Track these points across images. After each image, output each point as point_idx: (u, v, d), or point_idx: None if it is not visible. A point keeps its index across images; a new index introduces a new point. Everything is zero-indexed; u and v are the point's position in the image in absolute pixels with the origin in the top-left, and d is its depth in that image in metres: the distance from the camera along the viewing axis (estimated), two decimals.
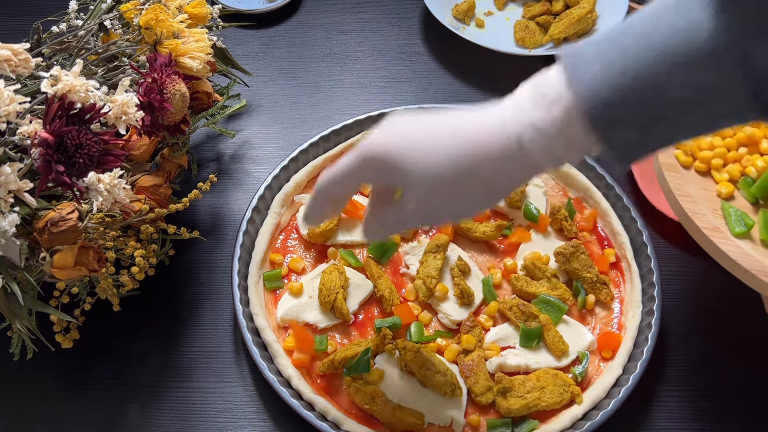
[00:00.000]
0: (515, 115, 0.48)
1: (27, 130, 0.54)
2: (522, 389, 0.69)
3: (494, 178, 0.50)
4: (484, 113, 0.50)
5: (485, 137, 0.49)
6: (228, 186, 0.89)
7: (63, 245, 0.62)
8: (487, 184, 0.50)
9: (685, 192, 0.70)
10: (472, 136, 0.49)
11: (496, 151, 0.48)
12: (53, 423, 0.72)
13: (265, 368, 0.70)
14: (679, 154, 0.73)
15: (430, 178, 0.50)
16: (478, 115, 0.50)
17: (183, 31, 0.71)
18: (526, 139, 0.48)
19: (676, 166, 0.72)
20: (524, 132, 0.48)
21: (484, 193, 0.51)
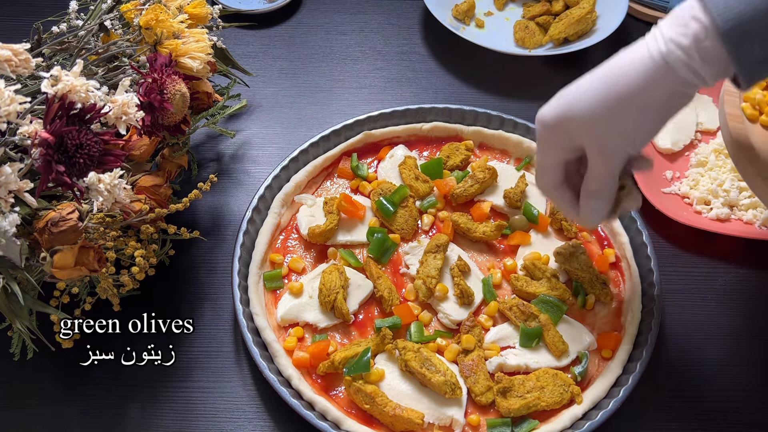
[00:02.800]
0: (657, 38, 0.54)
1: (27, 130, 0.54)
2: (522, 389, 0.69)
3: (648, 99, 0.55)
4: (629, 47, 0.57)
5: (632, 63, 0.55)
6: (228, 186, 0.89)
7: (63, 245, 0.62)
8: (643, 106, 0.55)
9: (748, 142, 0.70)
10: (621, 66, 0.56)
11: (643, 71, 0.54)
12: (53, 423, 0.72)
13: (265, 368, 0.70)
14: (746, 107, 0.73)
15: (592, 115, 0.56)
16: (625, 50, 0.57)
17: (183, 31, 0.71)
18: (668, 55, 0.53)
19: (742, 117, 0.73)
20: (667, 48, 0.53)
21: (646, 115, 0.56)
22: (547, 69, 1.04)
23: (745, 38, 0.50)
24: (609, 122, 0.57)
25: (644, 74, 0.54)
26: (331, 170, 0.88)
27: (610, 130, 0.57)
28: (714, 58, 0.52)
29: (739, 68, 0.52)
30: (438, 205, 0.84)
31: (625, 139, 0.58)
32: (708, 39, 0.52)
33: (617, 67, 0.57)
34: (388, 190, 0.83)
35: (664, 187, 0.88)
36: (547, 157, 0.62)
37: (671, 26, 0.54)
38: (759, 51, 0.51)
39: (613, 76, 0.56)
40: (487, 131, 0.90)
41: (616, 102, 0.56)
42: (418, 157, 0.89)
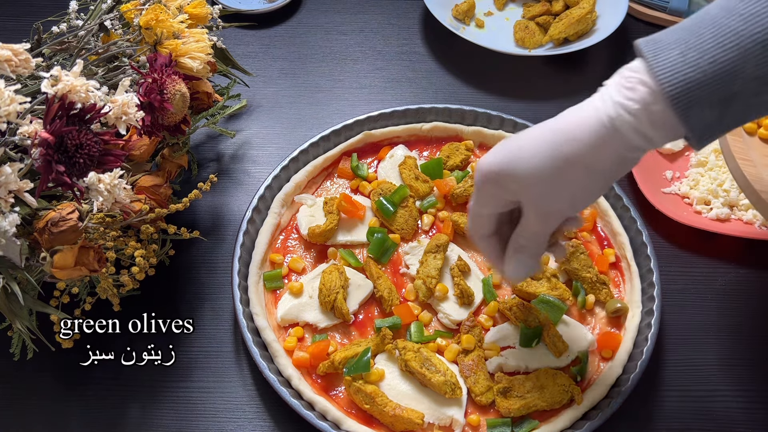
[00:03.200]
0: (605, 101, 0.53)
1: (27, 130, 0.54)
2: (522, 389, 0.69)
3: (595, 162, 0.53)
4: (577, 107, 0.55)
5: (579, 124, 0.53)
6: (228, 186, 0.89)
7: (63, 245, 0.62)
8: (590, 169, 0.54)
9: (747, 156, 0.70)
10: (568, 126, 0.54)
11: (591, 134, 0.53)
12: (53, 423, 0.72)
13: (265, 368, 0.70)
14: None
15: (537, 174, 0.54)
16: (572, 109, 0.55)
17: (183, 31, 0.71)
18: (617, 119, 0.52)
19: (740, 131, 0.73)
20: (615, 112, 0.52)
21: (591, 178, 0.55)
22: (547, 69, 1.04)
23: (693, 103, 0.49)
24: (552, 183, 0.55)
25: (592, 138, 0.52)
26: (331, 170, 0.88)
27: (552, 190, 0.55)
28: (663, 122, 0.51)
29: (691, 132, 0.51)
30: (438, 205, 0.84)
31: (566, 201, 0.56)
32: (657, 104, 0.50)
33: (565, 127, 0.54)
34: (388, 190, 0.83)
35: (664, 187, 0.88)
36: (483, 208, 0.60)
37: (619, 89, 0.52)
38: (709, 115, 0.50)
39: (561, 136, 0.54)
40: (487, 131, 0.90)
41: (563, 163, 0.54)
42: (418, 157, 0.89)
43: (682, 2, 1.05)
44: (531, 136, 0.56)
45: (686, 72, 0.49)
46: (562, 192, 0.55)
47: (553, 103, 0.98)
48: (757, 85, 0.48)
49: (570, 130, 0.54)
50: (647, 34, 0.53)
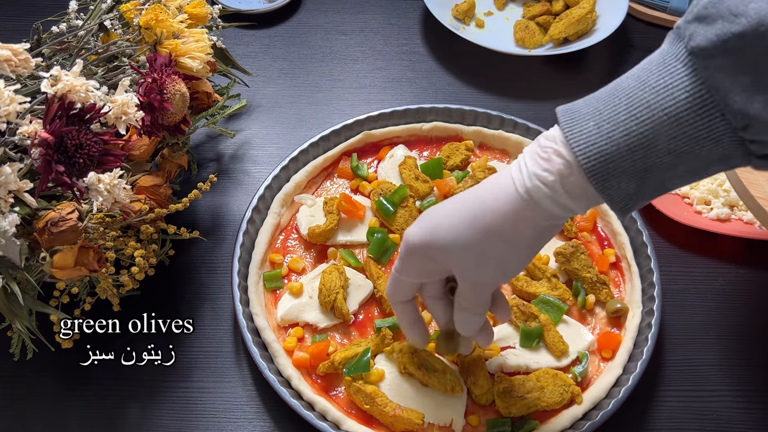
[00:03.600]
0: (522, 170, 0.52)
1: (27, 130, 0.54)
2: (522, 389, 0.69)
3: (514, 234, 0.53)
4: (494, 177, 0.55)
5: (496, 195, 0.53)
6: (228, 186, 0.89)
7: (63, 245, 0.62)
8: (510, 241, 0.53)
9: None
10: (485, 197, 0.54)
11: (507, 205, 0.52)
12: (53, 423, 0.72)
13: (265, 368, 0.70)
14: None
15: (459, 247, 0.54)
16: (489, 179, 0.55)
17: (183, 31, 0.71)
18: (532, 190, 0.51)
19: None
20: (531, 184, 0.51)
21: (513, 250, 0.54)
22: (547, 69, 1.04)
23: (610, 175, 0.48)
24: (475, 254, 0.54)
25: (510, 209, 0.52)
26: (331, 170, 0.88)
27: (477, 261, 0.55)
28: (581, 193, 0.50)
29: (610, 203, 0.50)
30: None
31: (493, 271, 0.56)
32: (572, 175, 0.49)
33: (484, 196, 0.54)
34: (388, 190, 0.83)
35: None
36: (405, 275, 0.60)
37: (535, 159, 0.52)
38: (627, 186, 0.49)
39: (480, 206, 0.54)
40: (487, 131, 0.90)
41: (484, 234, 0.53)
42: (418, 157, 0.89)
43: (682, 2, 1.05)
44: (452, 207, 0.56)
45: (600, 145, 0.48)
46: (487, 262, 0.55)
47: (553, 103, 0.97)
48: (671, 159, 0.47)
49: (488, 201, 0.53)
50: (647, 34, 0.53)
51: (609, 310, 0.76)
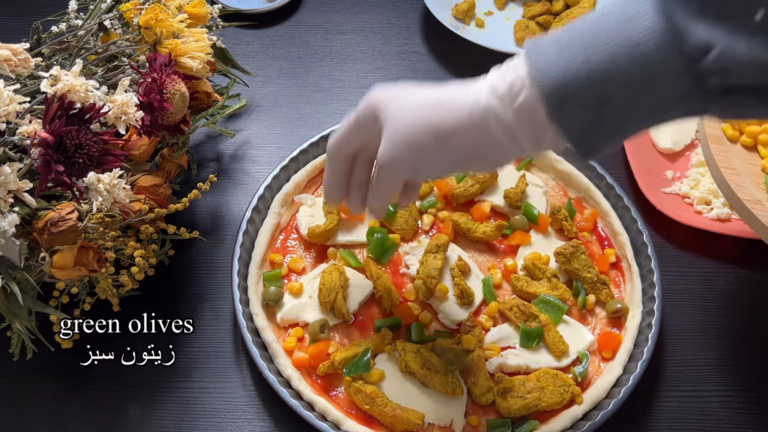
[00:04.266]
0: (483, 89, 0.52)
1: (27, 130, 0.54)
2: (522, 389, 0.69)
3: (457, 146, 0.53)
4: (463, 85, 0.54)
5: (455, 104, 0.53)
6: (228, 186, 0.89)
7: (63, 245, 0.62)
8: (449, 150, 0.54)
9: (729, 164, 0.70)
10: (444, 102, 0.54)
11: (461, 118, 0.52)
12: (53, 423, 0.72)
13: (265, 368, 0.70)
14: (726, 127, 0.72)
15: (400, 131, 0.54)
16: (457, 87, 0.54)
17: (183, 30, 0.71)
18: (487, 110, 0.51)
19: (722, 138, 0.72)
20: (487, 102, 0.51)
21: (438, 151, 0.54)
22: None
23: (565, 101, 0.48)
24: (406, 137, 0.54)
25: (459, 116, 0.52)
26: None
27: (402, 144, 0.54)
28: (535, 122, 0.50)
29: (566, 135, 0.49)
30: (438, 205, 0.84)
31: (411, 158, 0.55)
32: (522, 93, 0.49)
33: (448, 96, 0.54)
34: None
35: (664, 187, 0.88)
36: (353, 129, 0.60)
37: (496, 75, 0.52)
38: (583, 117, 0.48)
39: (440, 101, 0.54)
40: None
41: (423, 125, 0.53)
42: None
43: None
44: (422, 91, 0.56)
45: (558, 69, 0.48)
46: (410, 151, 0.54)
47: None
48: (628, 93, 0.47)
49: (448, 101, 0.53)
50: None
51: (609, 310, 0.76)
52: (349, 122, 0.60)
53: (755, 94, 0.45)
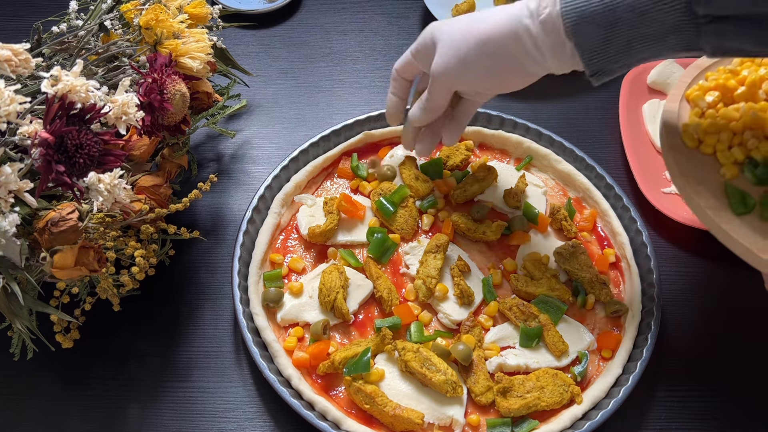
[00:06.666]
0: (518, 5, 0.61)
1: (27, 130, 0.54)
2: (522, 389, 0.69)
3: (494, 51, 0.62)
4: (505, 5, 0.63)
5: (494, 17, 0.62)
6: (228, 186, 0.89)
7: (63, 245, 0.62)
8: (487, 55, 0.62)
9: (691, 173, 0.70)
10: (486, 17, 0.63)
11: (498, 27, 0.61)
12: (53, 423, 0.72)
13: (265, 368, 0.70)
14: (686, 136, 0.73)
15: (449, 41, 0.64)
16: (500, 6, 0.63)
17: (183, 31, 0.71)
18: (519, 19, 0.60)
19: (682, 147, 0.73)
20: (520, 13, 0.60)
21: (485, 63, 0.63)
22: None
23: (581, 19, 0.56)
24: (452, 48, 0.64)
25: (496, 24, 0.61)
26: (331, 170, 0.88)
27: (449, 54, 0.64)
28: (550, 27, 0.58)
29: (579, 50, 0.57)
30: (438, 205, 0.84)
31: (455, 68, 0.64)
32: (548, 6, 0.58)
33: (490, 13, 0.63)
34: (388, 190, 0.83)
35: (664, 187, 0.88)
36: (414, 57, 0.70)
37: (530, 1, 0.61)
38: (594, 34, 0.56)
39: (481, 17, 0.63)
40: (486, 131, 0.90)
41: (466, 35, 0.63)
42: (417, 157, 0.89)
43: None
44: (469, 14, 0.66)
45: None
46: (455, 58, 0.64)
47: (552, 103, 0.98)
48: (633, 17, 0.55)
49: (488, 15, 0.63)
50: None
51: (608, 310, 0.76)
52: (411, 49, 0.70)
53: (734, 23, 0.53)
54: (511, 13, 0.61)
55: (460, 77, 0.65)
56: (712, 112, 0.75)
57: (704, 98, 0.76)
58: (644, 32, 0.56)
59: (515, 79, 0.64)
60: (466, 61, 0.63)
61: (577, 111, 0.96)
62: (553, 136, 0.88)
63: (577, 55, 0.59)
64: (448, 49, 0.64)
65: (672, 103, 0.77)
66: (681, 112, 0.76)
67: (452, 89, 0.68)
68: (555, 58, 0.60)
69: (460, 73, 0.65)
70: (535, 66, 0.62)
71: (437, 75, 0.66)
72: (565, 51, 0.59)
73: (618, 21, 0.55)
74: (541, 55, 0.60)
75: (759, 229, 0.67)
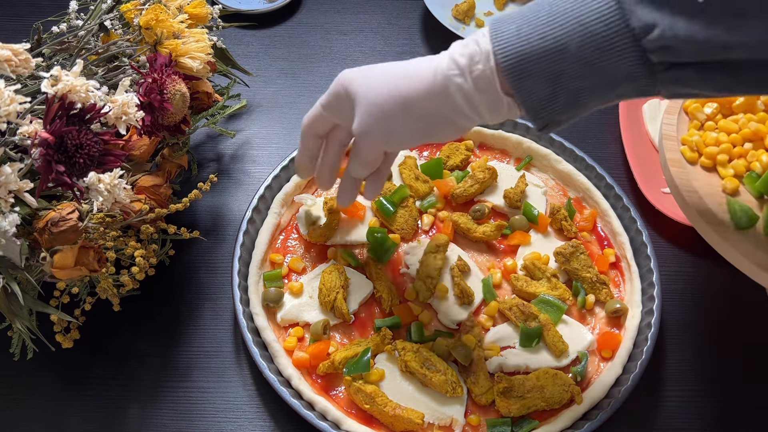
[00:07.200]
0: (445, 59, 0.56)
1: (27, 130, 0.54)
2: (522, 389, 0.69)
3: (423, 114, 0.57)
4: (427, 58, 0.58)
5: (419, 74, 0.57)
6: (228, 186, 0.89)
7: (63, 245, 0.62)
8: (408, 107, 0.57)
9: (691, 187, 0.70)
10: (410, 73, 0.58)
11: (425, 86, 0.56)
12: (53, 423, 0.72)
13: (265, 368, 0.70)
14: (685, 150, 0.73)
15: (370, 102, 0.58)
16: (422, 59, 0.58)
17: (183, 31, 0.71)
18: (449, 78, 0.55)
19: (681, 161, 0.72)
20: (448, 71, 0.55)
21: (406, 118, 0.58)
22: None
23: (524, 75, 0.52)
24: (376, 107, 0.58)
25: (423, 84, 0.56)
26: None
27: (374, 114, 0.58)
28: (486, 85, 0.54)
29: (524, 105, 0.53)
30: (438, 205, 0.84)
31: (381, 129, 0.59)
32: (481, 63, 0.53)
33: (412, 68, 0.58)
34: (388, 190, 0.83)
35: (664, 187, 0.88)
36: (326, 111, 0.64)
37: (459, 45, 0.56)
38: (540, 90, 0.52)
39: (404, 73, 0.58)
40: (486, 131, 0.90)
41: (390, 96, 0.57)
42: (418, 157, 0.89)
43: None
44: (387, 67, 0.59)
45: (517, 45, 0.52)
46: (380, 122, 0.58)
47: None
48: (580, 67, 0.51)
49: (412, 72, 0.57)
50: None
51: (609, 310, 0.76)
52: (321, 102, 0.64)
53: (695, 69, 0.49)
54: (437, 69, 0.56)
55: (387, 142, 0.60)
56: (711, 125, 0.75)
57: (702, 110, 0.76)
58: (592, 82, 0.52)
59: (447, 135, 0.59)
60: (390, 125, 0.58)
61: None
62: (553, 136, 0.88)
63: (516, 108, 0.55)
64: (368, 112, 0.58)
65: (670, 115, 0.76)
66: (679, 125, 0.76)
67: (381, 150, 0.62)
68: (492, 113, 0.56)
69: (386, 138, 0.59)
70: (469, 122, 0.58)
71: (361, 137, 0.60)
72: (503, 106, 0.55)
73: (563, 74, 0.51)
74: (475, 111, 0.56)
75: (762, 244, 0.66)
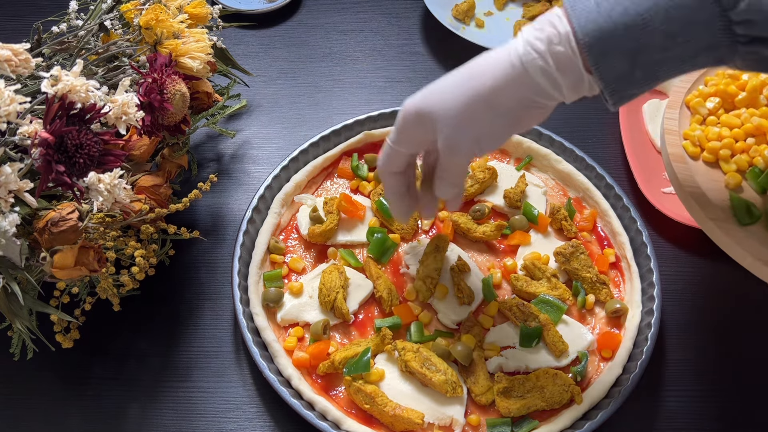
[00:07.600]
0: (518, 40, 0.55)
1: (27, 130, 0.54)
2: (522, 389, 0.69)
3: (499, 98, 0.55)
4: (494, 51, 0.57)
5: (492, 62, 0.55)
6: (228, 186, 0.89)
7: (63, 245, 0.62)
8: (492, 105, 0.55)
9: (693, 183, 0.70)
10: (482, 64, 0.56)
11: (498, 71, 0.55)
12: (53, 423, 0.72)
13: (265, 368, 0.70)
14: (687, 144, 0.73)
15: (452, 115, 0.56)
16: (486, 55, 0.57)
17: (183, 31, 0.71)
18: (524, 56, 0.53)
19: (684, 156, 0.72)
20: (526, 53, 0.53)
21: (495, 117, 0.56)
22: None
23: (605, 52, 0.51)
24: (458, 114, 0.56)
25: (500, 76, 0.55)
26: (331, 170, 0.88)
27: (458, 123, 0.57)
28: (567, 65, 0.53)
29: (602, 82, 0.53)
30: (438, 205, 0.84)
31: (471, 138, 0.57)
32: (561, 44, 0.52)
33: (480, 65, 0.57)
34: None
35: (664, 187, 0.88)
36: (398, 144, 0.61)
37: (530, 31, 0.54)
38: (619, 65, 0.51)
39: (475, 72, 0.56)
40: None
41: (470, 95, 0.56)
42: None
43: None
44: (451, 76, 0.58)
45: (599, 21, 0.50)
46: (466, 126, 0.57)
47: None
48: (663, 40, 0.50)
49: (482, 68, 0.56)
50: None
51: (609, 310, 0.76)
52: (391, 139, 0.62)
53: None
54: (513, 57, 0.54)
55: (478, 145, 0.58)
56: (713, 119, 0.74)
57: (705, 105, 0.75)
58: (675, 54, 0.51)
59: (535, 119, 0.58)
60: (479, 129, 0.57)
61: (577, 111, 0.96)
62: (553, 136, 0.88)
63: (594, 85, 0.54)
64: (452, 125, 0.57)
65: (672, 110, 0.76)
66: (681, 119, 0.75)
67: (469, 160, 0.61)
68: (573, 92, 0.55)
69: (477, 141, 0.58)
70: (554, 102, 0.56)
71: (451, 151, 0.58)
72: (583, 83, 0.54)
73: (646, 47, 0.51)
74: (559, 92, 0.54)
75: (765, 240, 0.66)
